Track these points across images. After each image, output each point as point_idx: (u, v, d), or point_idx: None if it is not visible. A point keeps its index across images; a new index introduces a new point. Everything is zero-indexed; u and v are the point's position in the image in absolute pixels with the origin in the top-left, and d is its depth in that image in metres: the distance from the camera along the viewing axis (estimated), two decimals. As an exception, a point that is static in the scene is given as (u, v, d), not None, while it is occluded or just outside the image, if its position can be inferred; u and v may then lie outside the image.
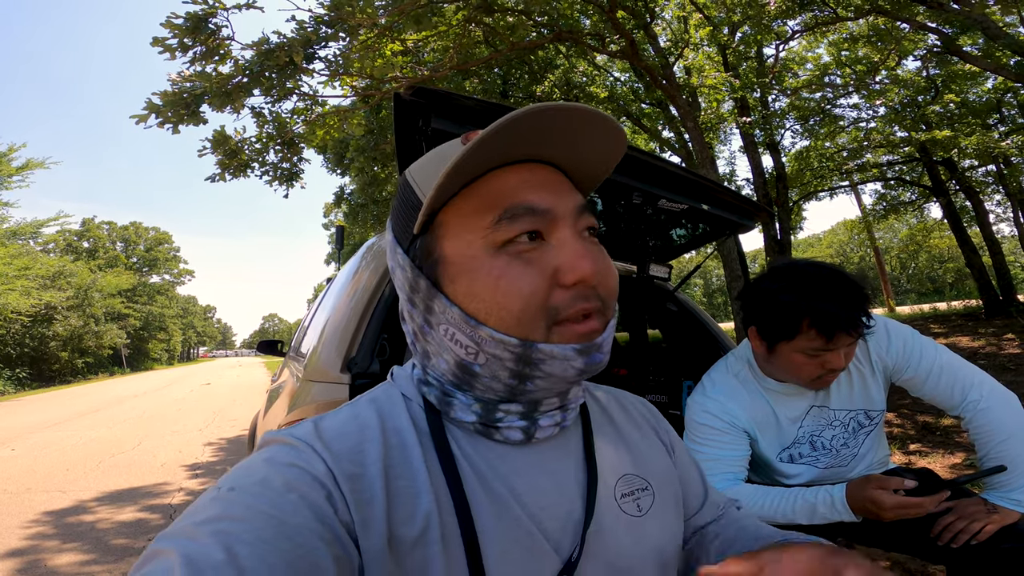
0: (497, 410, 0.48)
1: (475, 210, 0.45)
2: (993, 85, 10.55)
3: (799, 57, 11.57)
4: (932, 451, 3.79)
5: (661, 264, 2.03)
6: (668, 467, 0.60)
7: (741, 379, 1.24)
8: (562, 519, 0.48)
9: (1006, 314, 10.36)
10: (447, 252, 0.46)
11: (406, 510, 0.43)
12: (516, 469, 0.48)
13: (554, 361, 0.44)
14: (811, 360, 1.04)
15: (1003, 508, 1.03)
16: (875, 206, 14.40)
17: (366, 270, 1.56)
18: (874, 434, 1.24)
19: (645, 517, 0.53)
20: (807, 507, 1.06)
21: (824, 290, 1.00)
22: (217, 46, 4.23)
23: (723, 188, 1.60)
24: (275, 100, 4.95)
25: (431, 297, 0.47)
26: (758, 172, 10.57)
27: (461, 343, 0.46)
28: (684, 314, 2.19)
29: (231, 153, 4.95)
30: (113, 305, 30.02)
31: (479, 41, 7.34)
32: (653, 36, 8.32)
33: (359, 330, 1.36)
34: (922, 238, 16.28)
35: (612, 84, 11.02)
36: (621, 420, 0.61)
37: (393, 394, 0.52)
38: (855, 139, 11.47)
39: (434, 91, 1.13)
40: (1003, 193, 12.76)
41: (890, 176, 13.20)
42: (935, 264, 39.31)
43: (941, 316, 12.29)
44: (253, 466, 0.41)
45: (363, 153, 8.72)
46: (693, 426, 1.21)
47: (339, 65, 4.92)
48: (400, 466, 0.45)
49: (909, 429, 4.43)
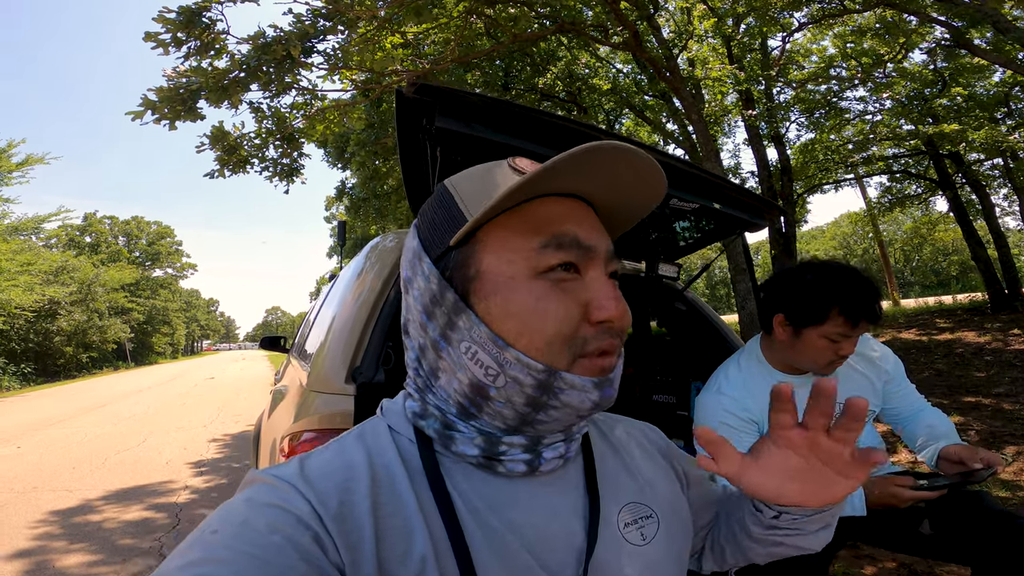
0: (500, 443, 0.47)
1: (521, 232, 0.45)
2: (1001, 79, 10.45)
3: (804, 49, 11.48)
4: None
5: (670, 263, 1.99)
6: (676, 493, 0.60)
7: (752, 373, 1.33)
8: (563, 551, 0.47)
9: (1012, 308, 10.30)
10: (485, 268, 0.45)
11: (398, 549, 0.42)
12: (515, 501, 0.47)
13: (573, 392, 0.45)
14: (831, 345, 1.18)
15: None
16: (880, 199, 14.31)
17: (370, 272, 1.53)
18: (868, 427, 1.45)
19: (649, 545, 0.53)
20: None
21: (850, 283, 1.16)
22: (212, 40, 4.17)
23: (734, 186, 1.56)
24: (273, 95, 4.88)
25: (457, 312, 0.46)
26: (763, 165, 10.49)
27: (482, 363, 0.45)
28: (693, 313, 2.16)
29: (230, 149, 4.89)
30: (116, 300, 30.12)
31: (480, 33, 7.26)
32: (656, 27, 8.22)
33: (363, 338, 1.33)
34: (927, 231, 16.18)
35: (615, 76, 10.94)
36: (625, 446, 0.61)
37: (381, 430, 0.51)
38: (861, 132, 11.36)
39: (438, 88, 1.10)
40: (1009, 187, 12.66)
41: (896, 169, 13.10)
42: (939, 257, 39.16)
43: (946, 310, 12.20)
44: (234, 507, 0.41)
45: (364, 147, 8.67)
46: (710, 423, 1.26)
47: (338, 59, 4.87)
48: (390, 504, 0.44)
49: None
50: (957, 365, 6.87)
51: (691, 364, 2.34)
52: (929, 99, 10.33)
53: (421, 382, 0.50)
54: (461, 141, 1.17)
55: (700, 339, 2.20)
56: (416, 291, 0.49)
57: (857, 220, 21.11)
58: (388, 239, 1.66)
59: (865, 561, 2.19)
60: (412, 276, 0.49)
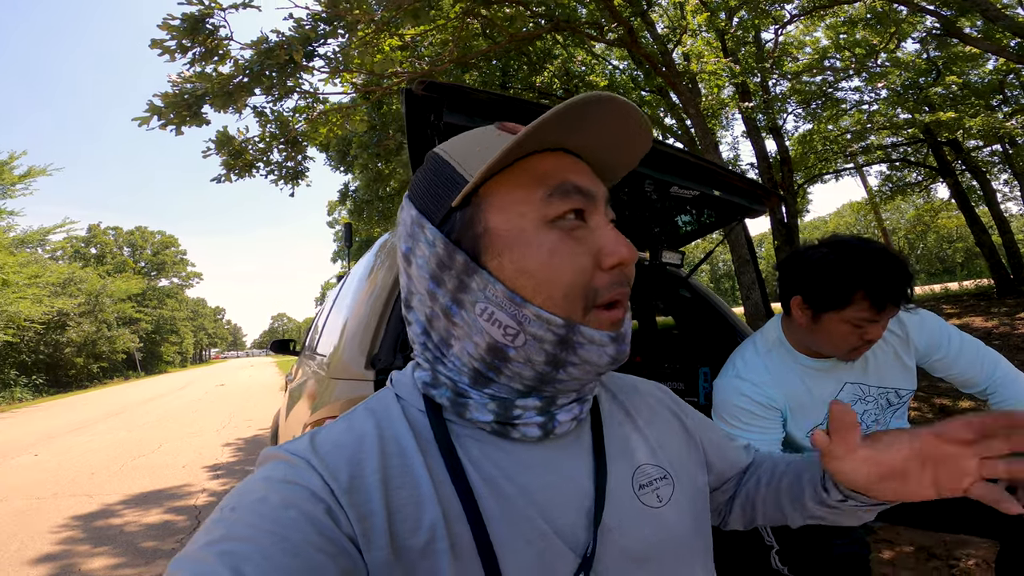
0: (515, 407, 0.47)
1: (523, 185, 0.45)
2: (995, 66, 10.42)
3: (798, 41, 11.46)
4: None
5: (673, 251, 2.03)
6: (688, 452, 0.60)
7: (775, 358, 1.25)
8: (576, 515, 0.47)
9: (1018, 293, 10.27)
10: (494, 224, 0.45)
11: (410, 520, 0.42)
12: (528, 467, 0.47)
13: (591, 347, 0.45)
14: (855, 331, 1.08)
15: None
16: (881, 188, 14.29)
17: (381, 268, 1.58)
18: (901, 412, 1.28)
19: (666, 507, 0.52)
20: None
21: (877, 264, 1.04)
22: (216, 46, 4.23)
23: (732, 173, 1.60)
24: (276, 99, 4.94)
25: (469, 273, 0.45)
26: (762, 156, 10.50)
27: (500, 323, 0.44)
28: (698, 300, 2.19)
29: (236, 153, 4.96)
30: (124, 310, 30.32)
31: (477, 33, 7.29)
32: (651, 23, 8.24)
33: (380, 327, 1.38)
34: (929, 218, 16.14)
35: (612, 72, 10.95)
36: (636, 408, 0.60)
37: (390, 401, 0.51)
38: (858, 122, 11.36)
39: (446, 85, 1.14)
40: (1010, 172, 12.62)
41: (895, 158, 13.08)
42: (944, 244, 38.96)
43: (953, 296, 12.17)
44: (252, 485, 0.42)
45: (366, 150, 8.72)
46: (729, 409, 1.21)
47: (339, 62, 4.92)
48: (400, 476, 0.44)
49: (927, 412, 4.43)
50: (965, 351, 6.85)
51: (698, 350, 2.38)
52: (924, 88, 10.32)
53: (430, 355, 0.50)
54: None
55: (706, 325, 2.24)
56: (420, 260, 0.47)
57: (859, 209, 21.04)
58: (396, 233, 1.72)
59: (883, 545, 2.20)
60: (413, 246, 0.48)
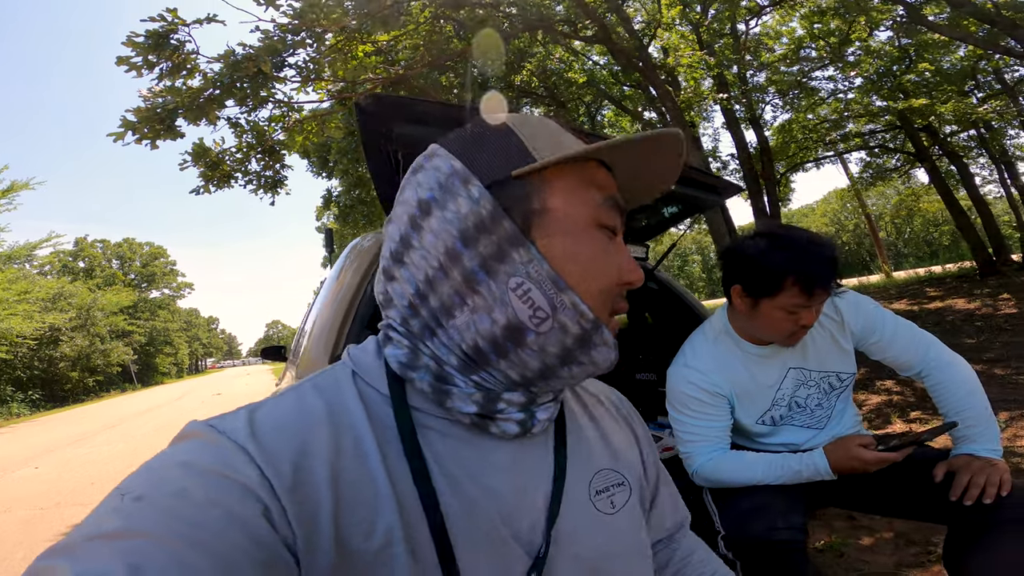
0: (499, 400, 0.45)
1: (587, 184, 0.45)
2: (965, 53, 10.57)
3: (774, 31, 11.54)
4: (931, 417, 3.86)
5: (638, 244, 2.08)
6: (639, 467, 0.60)
7: (721, 346, 1.28)
8: (535, 519, 0.46)
9: (1000, 274, 10.42)
10: (554, 206, 0.44)
11: (362, 522, 0.38)
12: (495, 467, 0.45)
13: (603, 349, 0.45)
14: (789, 316, 1.13)
15: (987, 458, 1.09)
16: (862, 174, 14.47)
17: (349, 269, 1.63)
18: (844, 396, 1.32)
19: (618, 514, 0.52)
20: (791, 473, 1.14)
21: (805, 251, 1.10)
22: (183, 61, 4.26)
23: (691, 167, 1.64)
24: (250, 109, 4.97)
25: (514, 243, 0.42)
26: (742, 147, 10.60)
27: (533, 302, 0.42)
28: (664, 292, 2.25)
29: (213, 165, 4.98)
30: (116, 323, 30.13)
31: (450, 36, 7.32)
32: (626, 18, 8.28)
33: (344, 326, 1.43)
34: (912, 203, 16.34)
35: (591, 69, 11.00)
36: (599, 411, 0.60)
37: (345, 381, 0.46)
38: (835, 110, 11.50)
39: (392, 99, 1.20)
40: (987, 156, 12.82)
41: (873, 144, 13.25)
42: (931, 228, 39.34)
43: (936, 279, 12.33)
44: (167, 471, 0.35)
45: (345, 155, 8.74)
46: (679, 396, 1.25)
47: (310, 70, 4.95)
48: (353, 469, 0.40)
49: (909, 397, 4.50)
50: (948, 332, 6.94)
51: (668, 340, 2.44)
52: (898, 75, 10.47)
53: (419, 324, 0.45)
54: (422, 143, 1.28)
55: (674, 315, 2.30)
56: (451, 213, 0.43)
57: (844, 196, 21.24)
58: (366, 239, 1.76)
59: (863, 532, 2.22)
60: (442, 197, 0.44)
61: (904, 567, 1.93)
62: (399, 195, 0.49)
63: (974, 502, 1.03)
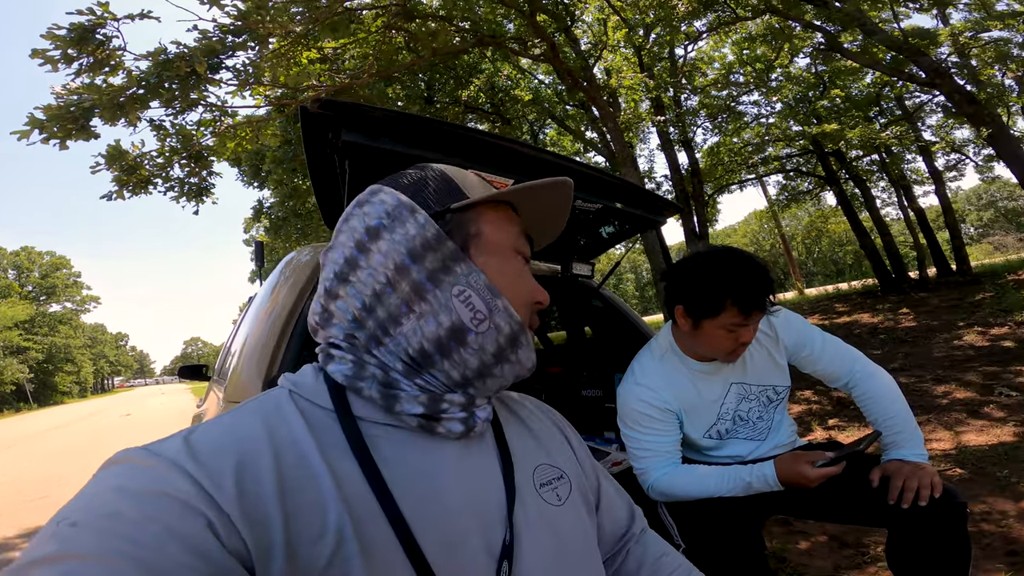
0: (443, 400, 0.49)
1: (506, 220, 0.56)
2: (872, 79, 11.73)
3: (708, 57, 12.26)
4: (848, 424, 4.20)
5: (584, 263, 2.10)
6: (576, 463, 0.64)
7: (667, 364, 1.33)
8: (492, 509, 0.49)
9: (899, 291, 11.54)
10: (486, 232, 0.53)
11: (312, 526, 0.39)
12: (444, 466, 0.48)
13: (526, 350, 0.53)
14: (729, 335, 1.18)
15: (916, 462, 1.17)
16: (779, 196, 15.68)
17: (284, 285, 1.52)
18: (781, 407, 1.40)
19: (565, 505, 0.56)
20: (742, 484, 1.19)
21: (742, 274, 1.15)
22: (107, 57, 3.93)
23: (634, 187, 1.68)
24: (178, 112, 4.64)
25: (456, 259, 0.50)
26: (675, 168, 11.16)
27: (474, 306, 0.49)
28: (609, 309, 2.28)
29: (129, 169, 4.59)
30: (10, 338, 27.11)
31: (400, 48, 7.24)
32: (574, 39, 8.54)
33: (279, 347, 1.33)
34: (821, 224, 17.84)
35: (537, 87, 11.22)
36: (527, 416, 0.65)
37: (283, 400, 0.47)
38: (758, 134, 12.41)
39: (342, 104, 1.13)
40: (887, 180, 14.24)
41: (789, 168, 14.40)
42: (836, 248, 43.01)
43: (843, 296, 13.50)
44: (98, 497, 0.35)
45: (280, 165, 8.36)
46: (630, 414, 1.28)
47: (249, 74, 4.70)
48: (298, 478, 0.41)
49: (827, 406, 4.85)
50: (856, 345, 7.53)
51: (612, 357, 2.47)
52: (812, 101, 11.47)
53: (365, 335, 0.49)
54: (369, 154, 1.21)
55: (618, 332, 2.33)
56: (399, 236, 0.50)
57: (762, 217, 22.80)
58: (303, 253, 1.66)
59: (799, 536, 2.35)
60: (391, 224, 0.51)
61: (842, 569, 2.04)
62: (343, 223, 0.54)
63: (910, 505, 1.09)
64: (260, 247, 3.02)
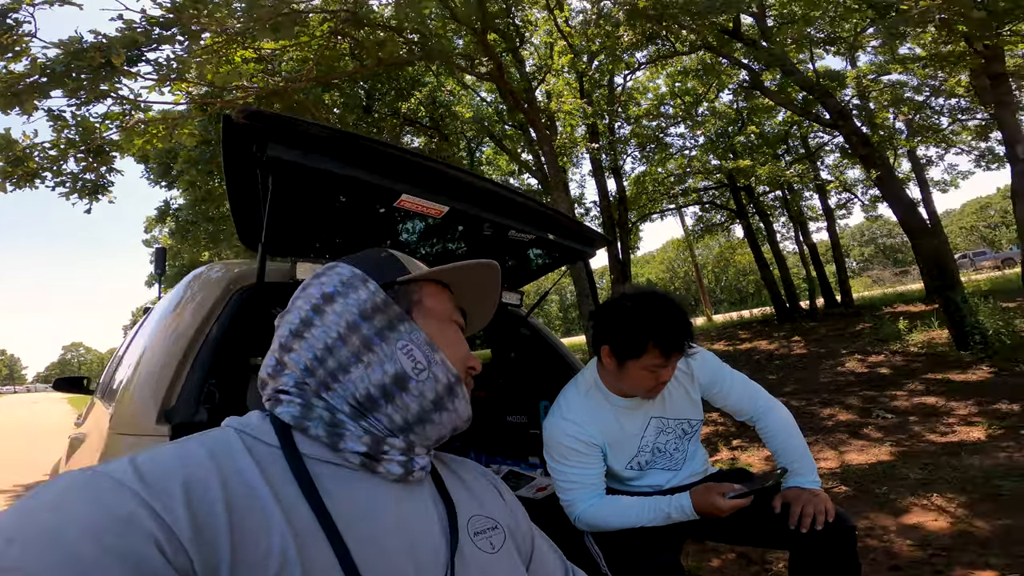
0: (384, 443, 0.54)
1: (442, 294, 0.65)
2: (783, 118, 12.91)
3: (643, 87, 12.95)
4: (749, 445, 4.56)
5: (513, 291, 2.11)
6: (510, 516, 0.67)
7: (592, 399, 1.39)
8: (429, 554, 0.52)
9: (792, 319, 12.68)
10: (427, 302, 0.62)
11: (259, 547, 0.41)
12: (384, 507, 0.51)
13: (462, 401, 0.60)
14: (651, 375, 1.26)
15: (811, 489, 1.30)
16: (694, 227, 16.81)
17: (191, 303, 1.38)
18: (695, 439, 1.51)
19: (499, 554, 0.59)
20: (662, 515, 1.26)
21: (664, 318, 1.24)
22: (13, 43, 3.52)
23: (566, 218, 1.70)
24: (82, 103, 4.21)
25: (401, 320, 0.59)
26: (603, 195, 11.65)
27: (415, 358, 0.57)
28: (536, 338, 2.30)
29: (16, 160, 4.07)
30: None
31: (344, 54, 7.03)
32: (520, 60, 8.72)
33: (179, 374, 1.20)
34: (729, 255, 19.35)
35: (479, 104, 11.30)
36: (463, 473, 0.69)
37: (229, 436, 0.50)
38: (681, 165, 13.27)
39: (272, 115, 1.06)
40: (787, 215, 15.71)
41: (705, 200, 15.51)
42: (741, 277, 46.63)
43: (745, 323, 14.66)
44: (37, 513, 0.35)
45: (195, 165, 7.75)
46: (557, 448, 1.33)
47: (172, 69, 4.36)
48: (245, 503, 0.43)
49: (731, 428, 5.21)
50: (756, 370, 8.23)
51: (538, 385, 2.49)
52: (731, 136, 12.46)
53: (315, 382, 0.54)
54: (295, 171, 1.14)
55: (544, 361, 2.36)
56: (351, 301, 0.58)
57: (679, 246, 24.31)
58: (214, 270, 1.52)
59: (711, 554, 2.52)
60: (344, 291, 0.59)
61: (749, 584, 2.20)
62: (301, 291, 0.62)
63: (808, 529, 1.21)
64: (162, 253, 2.77)
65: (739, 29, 8.18)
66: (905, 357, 7.02)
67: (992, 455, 3.38)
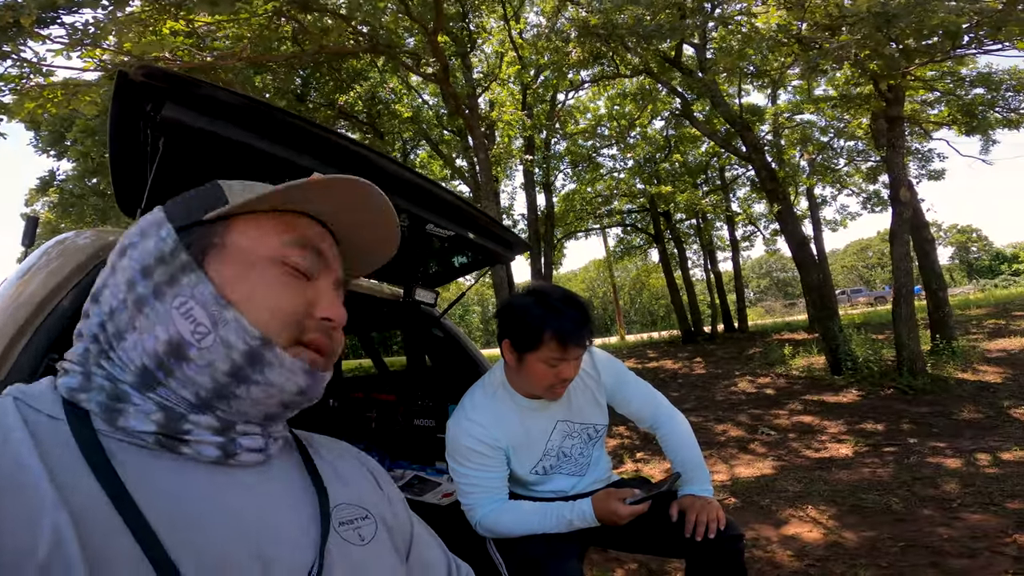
0: (185, 420, 0.45)
1: (272, 227, 0.51)
2: (706, 149, 13.79)
3: (584, 106, 13.27)
4: (652, 457, 4.78)
5: (427, 289, 2.06)
6: (386, 505, 0.61)
7: (498, 399, 1.34)
8: (289, 545, 0.46)
9: (695, 342, 13.59)
10: (231, 241, 0.49)
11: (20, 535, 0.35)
12: (195, 489, 0.44)
13: (281, 370, 0.47)
14: (551, 370, 1.22)
15: (704, 497, 1.32)
16: (616, 248, 17.56)
17: (43, 269, 1.19)
18: (600, 444, 1.50)
19: (369, 546, 0.53)
20: (564, 522, 1.24)
21: (561, 309, 1.21)
22: None
23: (490, 219, 1.68)
24: (-21, 62, 3.64)
25: (185, 270, 0.47)
26: (532, 208, 11.85)
27: (194, 318, 0.45)
28: (449, 340, 2.26)
29: None
30: None
31: (285, 37, 6.63)
32: (468, 66, 8.67)
33: (14, 345, 1.03)
34: (645, 278, 20.42)
35: (419, 106, 11.08)
36: (332, 457, 0.62)
37: (6, 406, 0.43)
38: (609, 187, 13.80)
39: (175, 75, 0.95)
40: (699, 243, 16.86)
41: (628, 223, 16.28)
42: (653, 300, 49.19)
43: (654, 343, 15.54)
44: None
45: (92, 135, 6.98)
46: (460, 449, 1.28)
47: (87, 35, 3.89)
48: (6, 487, 0.37)
49: (636, 440, 5.45)
50: (661, 387, 8.67)
51: (448, 388, 2.45)
52: (657, 163, 13.15)
53: (96, 349, 0.47)
54: (191, 135, 1.04)
55: (455, 364, 2.32)
56: (139, 252, 0.48)
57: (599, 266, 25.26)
58: (82, 236, 1.33)
59: (614, 563, 2.57)
60: (136, 241, 0.50)
61: (651, 591, 2.24)
62: None
63: (702, 537, 1.23)
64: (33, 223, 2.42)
65: (679, 58, 8.66)
66: (788, 380, 7.73)
67: (858, 471, 3.78)
